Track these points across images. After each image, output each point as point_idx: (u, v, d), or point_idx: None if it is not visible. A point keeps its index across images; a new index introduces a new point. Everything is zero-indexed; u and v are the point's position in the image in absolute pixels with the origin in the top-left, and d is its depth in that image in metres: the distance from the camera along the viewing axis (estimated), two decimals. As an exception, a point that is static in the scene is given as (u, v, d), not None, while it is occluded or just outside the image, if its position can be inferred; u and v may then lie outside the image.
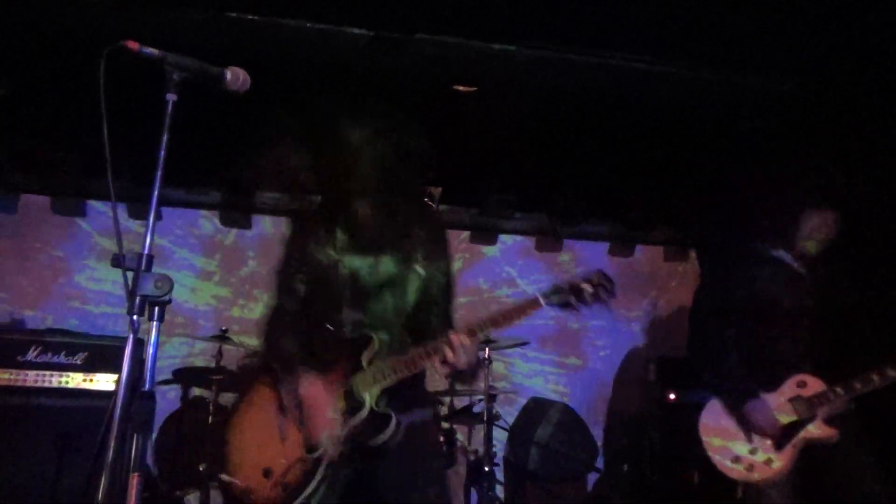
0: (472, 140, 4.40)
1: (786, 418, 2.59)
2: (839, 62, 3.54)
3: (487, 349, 3.83)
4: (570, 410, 4.72)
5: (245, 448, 2.04)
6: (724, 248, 3.31)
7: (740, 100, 3.84)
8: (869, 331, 2.83)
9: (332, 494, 1.96)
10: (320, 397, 1.97)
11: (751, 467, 2.58)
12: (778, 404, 2.61)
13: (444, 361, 1.89)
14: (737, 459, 2.61)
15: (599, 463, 4.66)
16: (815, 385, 2.62)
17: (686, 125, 4.17)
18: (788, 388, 2.64)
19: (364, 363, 2.00)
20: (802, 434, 2.57)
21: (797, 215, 2.78)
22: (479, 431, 3.94)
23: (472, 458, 3.98)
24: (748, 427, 2.62)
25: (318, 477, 1.92)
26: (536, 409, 4.63)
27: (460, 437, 4.23)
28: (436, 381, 4.60)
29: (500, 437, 4.43)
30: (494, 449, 3.75)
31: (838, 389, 2.57)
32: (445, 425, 3.87)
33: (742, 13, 3.20)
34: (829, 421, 2.58)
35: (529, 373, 5.29)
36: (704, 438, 2.67)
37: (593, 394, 5.23)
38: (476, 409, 4.05)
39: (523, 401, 4.87)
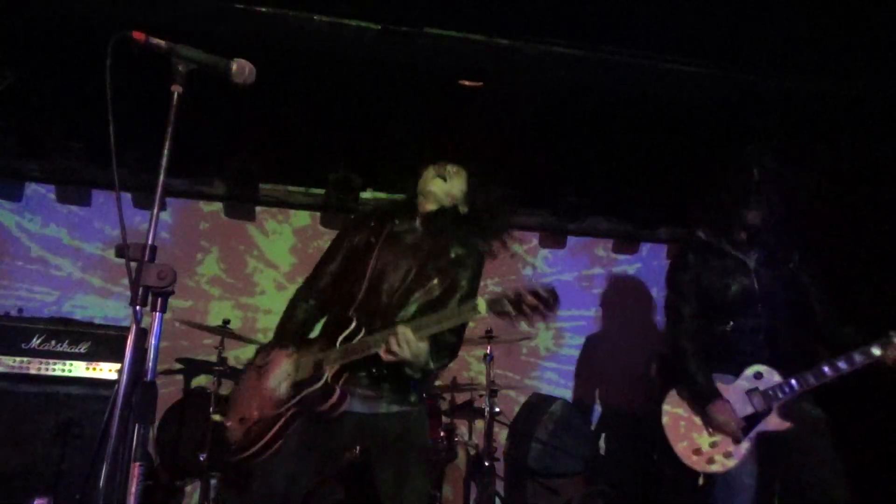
0: (477, 136, 4.39)
1: (742, 412, 2.68)
2: (849, 61, 3.53)
3: (490, 346, 3.83)
4: (571, 406, 4.72)
5: (239, 400, 2.33)
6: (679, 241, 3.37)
7: (748, 97, 3.82)
8: (825, 320, 2.80)
9: (287, 447, 2.20)
10: (276, 365, 2.23)
11: (711, 460, 2.67)
12: (735, 398, 2.68)
13: (389, 350, 2.02)
14: (698, 451, 2.70)
15: (599, 459, 4.66)
16: (771, 377, 2.70)
17: (693, 123, 4.15)
18: (745, 379, 2.72)
19: (337, 342, 2.16)
20: (759, 427, 2.66)
21: (733, 206, 2.82)
22: (480, 427, 3.94)
23: (472, 453, 3.99)
24: (711, 424, 2.69)
25: (271, 433, 2.17)
26: (537, 404, 4.63)
27: (461, 431, 4.23)
28: (439, 377, 4.62)
29: (500, 432, 4.44)
30: (495, 444, 3.75)
31: (793, 382, 2.64)
32: (446, 420, 3.88)
33: (749, 10, 3.19)
34: (783, 414, 2.65)
35: (531, 368, 5.30)
36: (667, 429, 2.78)
37: (594, 390, 5.23)
38: (476, 404, 4.05)
39: (524, 397, 4.88)
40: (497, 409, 3.79)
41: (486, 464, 3.67)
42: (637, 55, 3.47)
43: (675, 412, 2.81)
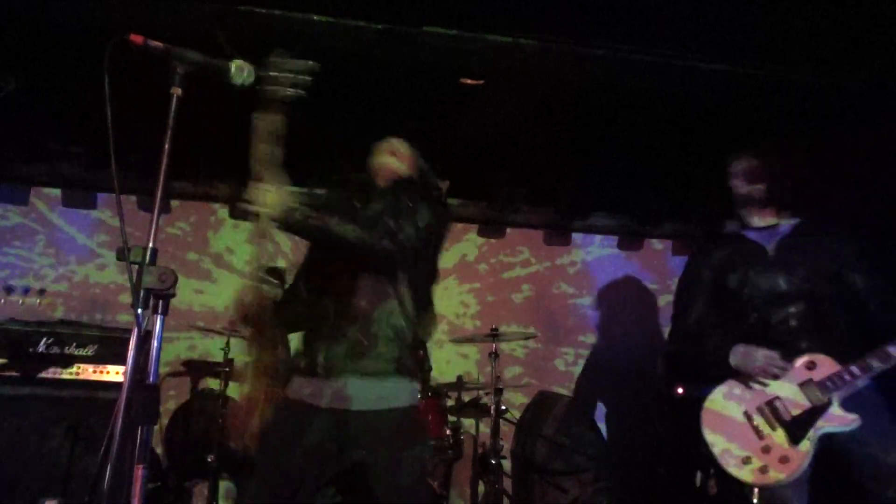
0: (480, 133, 4.39)
1: (797, 409, 2.34)
2: (855, 55, 3.50)
3: (495, 343, 3.83)
4: (578, 404, 4.72)
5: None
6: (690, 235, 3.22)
7: (751, 91, 3.80)
8: (883, 302, 2.48)
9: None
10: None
11: (765, 469, 2.30)
12: (786, 393, 2.37)
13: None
14: (748, 460, 2.34)
15: (605, 457, 4.65)
16: (826, 365, 2.35)
17: (696, 117, 4.14)
18: (797, 371, 2.37)
19: None
20: (819, 423, 2.30)
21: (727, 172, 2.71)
22: (487, 425, 3.94)
23: (479, 451, 3.99)
24: (771, 412, 2.37)
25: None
26: (544, 402, 4.63)
27: (467, 430, 4.23)
28: (444, 374, 4.62)
29: (507, 430, 4.44)
30: (501, 442, 3.75)
31: (854, 369, 2.29)
32: (452, 418, 3.88)
33: (751, 3, 3.17)
34: (847, 406, 2.31)
35: (537, 365, 5.30)
36: (709, 439, 2.43)
37: (601, 388, 5.23)
38: (483, 402, 4.05)
39: (531, 394, 4.88)
40: (503, 408, 3.79)
41: (493, 462, 3.67)
42: (637, 50, 3.46)
43: (713, 419, 2.46)
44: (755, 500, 2.30)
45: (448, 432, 3.60)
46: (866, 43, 3.39)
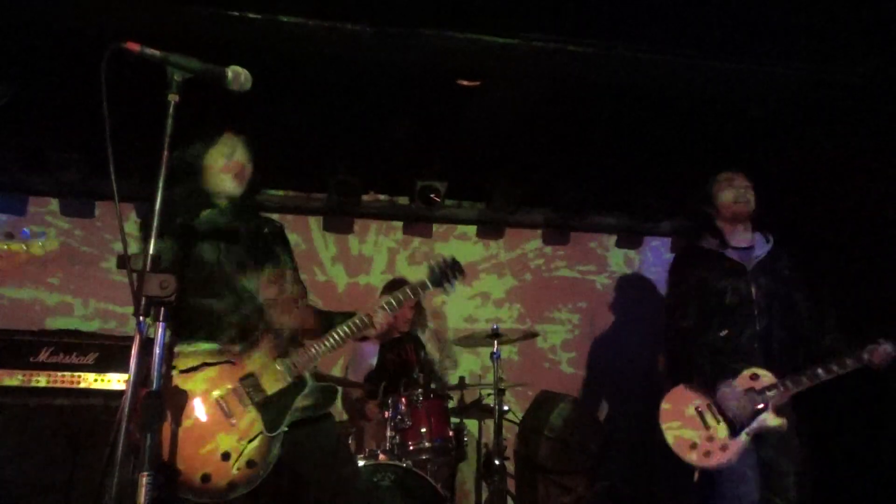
0: (477, 135, 4.39)
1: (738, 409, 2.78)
2: (851, 51, 3.51)
3: (497, 343, 3.82)
4: (580, 403, 4.71)
5: (187, 441, 2.05)
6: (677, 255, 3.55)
7: (748, 88, 3.81)
8: (817, 324, 2.99)
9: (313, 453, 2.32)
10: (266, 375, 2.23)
11: (707, 454, 2.75)
12: (733, 397, 2.79)
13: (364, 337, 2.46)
14: (694, 446, 2.78)
15: (608, 455, 4.64)
16: (765, 378, 2.81)
17: (693, 115, 4.14)
18: (743, 380, 2.82)
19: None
20: (756, 423, 2.75)
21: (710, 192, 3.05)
22: (490, 425, 3.93)
23: (482, 451, 3.98)
24: (718, 411, 2.79)
25: (274, 450, 2.15)
26: (546, 402, 4.63)
27: (470, 431, 4.23)
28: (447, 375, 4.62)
29: (510, 430, 4.44)
30: (504, 443, 3.75)
31: (788, 382, 2.77)
32: (455, 420, 3.87)
33: (753, 3, 3.17)
34: (779, 412, 2.77)
35: (539, 365, 5.30)
36: (664, 426, 2.85)
37: (602, 386, 5.23)
38: (485, 403, 4.04)
39: (533, 394, 4.87)
40: (506, 408, 3.79)
41: (497, 462, 3.67)
42: (633, 49, 3.46)
43: (670, 408, 2.90)
44: (696, 479, 2.80)
45: (451, 433, 3.59)
46: (866, 41, 3.39)
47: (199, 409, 2.09)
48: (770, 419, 2.75)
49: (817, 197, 4.43)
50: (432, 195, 4.76)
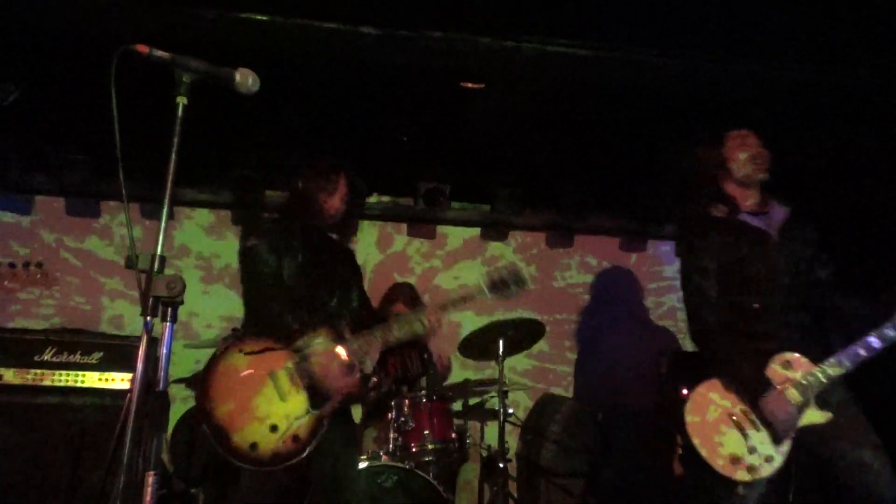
0: (481, 137, 4.40)
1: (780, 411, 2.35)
2: (851, 51, 3.51)
3: (501, 342, 3.82)
4: (582, 405, 4.71)
5: (243, 412, 2.34)
6: (684, 226, 3.07)
7: (749, 89, 3.81)
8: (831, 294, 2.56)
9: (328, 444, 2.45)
10: (332, 363, 2.44)
11: (752, 468, 2.32)
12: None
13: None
14: (737, 461, 2.34)
15: (610, 458, 4.64)
16: (800, 364, 2.37)
17: (697, 117, 4.14)
18: (778, 375, 2.37)
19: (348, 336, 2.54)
20: (800, 423, 2.33)
21: (721, 152, 2.65)
22: (492, 428, 3.93)
23: (484, 454, 3.98)
24: (756, 415, 2.36)
25: (320, 431, 2.37)
26: (548, 404, 4.63)
27: (472, 433, 4.23)
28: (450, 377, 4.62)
29: (513, 432, 4.44)
30: (507, 445, 3.74)
31: (827, 368, 2.32)
32: (458, 422, 3.87)
33: (752, 3, 3.18)
34: (821, 404, 2.34)
35: (542, 368, 5.30)
36: (696, 441, 2.40)
37: (605, 388, 5.22)
38: (488, 405, 4.04)
39: (536, 397, 4.87)
40: (510, 410, 3.78)
41: (499, 465, 3.66)
42: (637, 51, 3.47)
43: (699, 420, 2.43)
44: (740, 491, 2.34)
45: (454, 435, 3.60)
46: (866, 42, 3.39)
47: (256, 386, 2.36)
48: (814, 415, 2.33)
49: (817, 197, 4.42)
50: (440, 198, 4.77)
